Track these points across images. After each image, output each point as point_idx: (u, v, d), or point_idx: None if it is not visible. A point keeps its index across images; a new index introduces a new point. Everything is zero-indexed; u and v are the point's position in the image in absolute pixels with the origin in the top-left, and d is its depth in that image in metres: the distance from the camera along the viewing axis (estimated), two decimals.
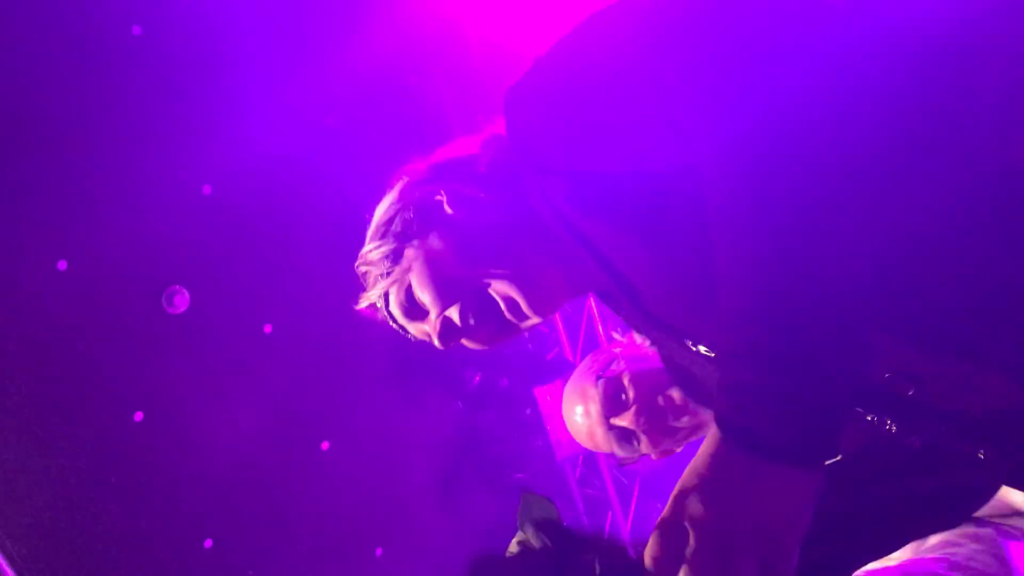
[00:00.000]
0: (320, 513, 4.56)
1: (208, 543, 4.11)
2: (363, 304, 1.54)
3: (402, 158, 1.59)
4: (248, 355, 4.24)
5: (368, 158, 4.63)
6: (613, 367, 1.72)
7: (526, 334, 1.51)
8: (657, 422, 1.68)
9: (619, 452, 1.71)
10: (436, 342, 1.47)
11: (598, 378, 1.72)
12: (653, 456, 1.71)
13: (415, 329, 1.50)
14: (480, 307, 1.40)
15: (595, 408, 1.71)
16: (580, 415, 1.72)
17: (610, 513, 5.66)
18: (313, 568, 4.47)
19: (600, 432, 1.69)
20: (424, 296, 1.42)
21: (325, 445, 4.57)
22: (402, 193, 1.52)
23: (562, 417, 1.82)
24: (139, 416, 3.86)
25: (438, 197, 1.44)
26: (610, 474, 5.63)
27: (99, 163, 3.70)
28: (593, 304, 5.42)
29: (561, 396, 5.17)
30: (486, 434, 5.18)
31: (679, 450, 1.76)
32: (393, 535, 4.86)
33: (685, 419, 1.69)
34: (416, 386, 4.96)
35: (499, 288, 1.38)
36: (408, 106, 4.76)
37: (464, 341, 1.48)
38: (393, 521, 4.88)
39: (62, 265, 3.60)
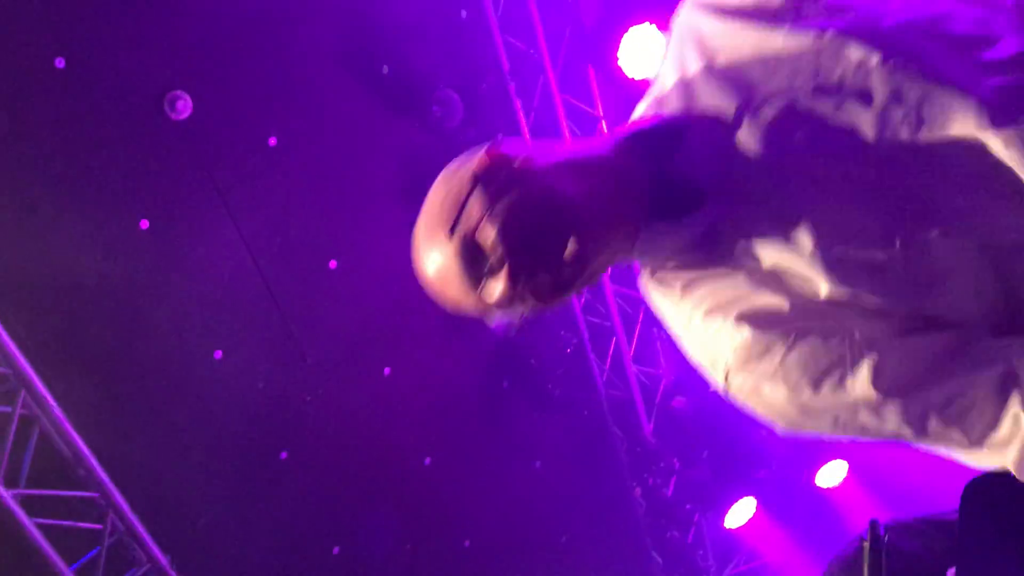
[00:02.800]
0: (328, 330, 4.57)
1: (218, 354, 4.14)
2: None
3: None
4: (254, 167, 4.15)
5: None
6: (469, 212, 1.18)
7: None
8: (541, 287, 1.19)
9: (494, 317, 1.25)
10: None
11: (451, 232, 1.19)
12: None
13: None
14: None
15: (452, 271, 1.20)
16: (434, 277, 1.23)
17: (614, 340, 5.72)
18: (322, 382, 4.52)
19: (467, 301, 1.22)
20: None
21: (333, 264, 4.54)
22: None
23: None
24: (145, 224, 3.81)
25: None
26: (615, 301, 5.65)
27: None
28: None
29: None
30: None
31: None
32: (401, 355, 4.90)
33: (584, 272, 1.20)
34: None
35: None
36: None
37: None
38: (401, 341, 4.91)
39: (60, 63, 3.46)
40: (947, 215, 1.17)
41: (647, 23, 4.80)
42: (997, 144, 1.15)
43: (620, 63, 4.77)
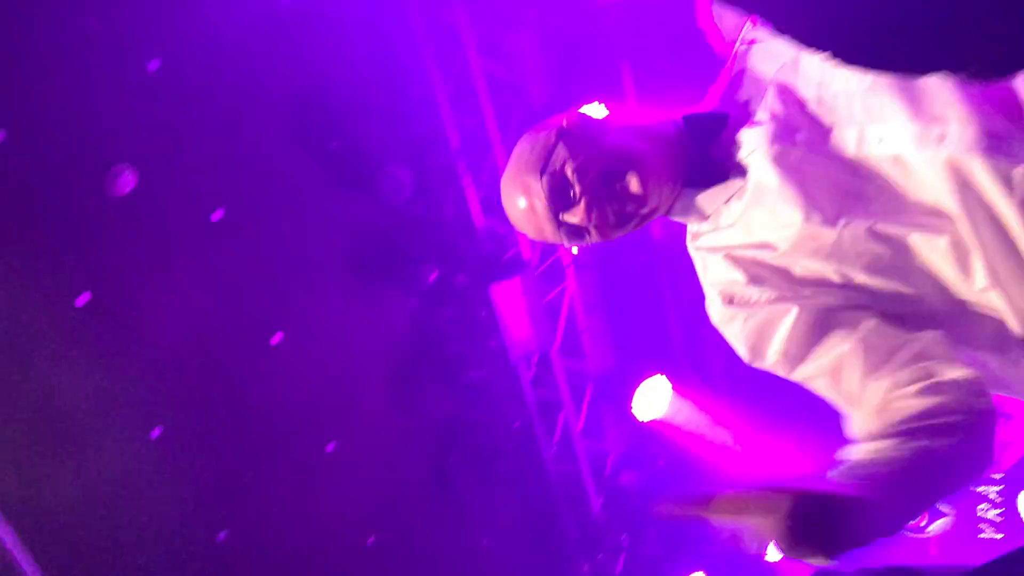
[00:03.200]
0: (271, 405, 4.48)
1: (156, 432, 4.02)
2: None
3: (361, 28, 1.49)
4: (198, 241, 4.09)
5: (327, 30, 4.45)
6: (556, 158, 1.60)
7: None
8: (608, 216, 1.60)
9: (568, 243, 1.69)
10: None
11: (541, 174, 1.59)
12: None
13: None
14: None
15: (540, 204, 1.60)
16: (524, 211, 1.64)
17: (562, 414, 5.69)
18: (263, 460, 4.42)
19: (548, 229, 1.62)
20: None
21: (277, 338, 4.47)
22: None
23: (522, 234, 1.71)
24: (84, 299, 3.72)
25: None
26: (564, 375, 5.64)
27: (38, 29, 3.48)
28: None
29: (514, 294, 5.14)
30: (441, 332, 5.13)
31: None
32: (345, 431, 4.81)
33: (642, 209, 1.60)
34: (371, 281, 4.87)
35: None
36: None
37: None
38: (345, 417, 4.83)
39: (0, 136, 3.41)
40: (889, 216, 1.50)
41: (596, 102, 4.88)
42: (923, 164, 1.47)
43: None
